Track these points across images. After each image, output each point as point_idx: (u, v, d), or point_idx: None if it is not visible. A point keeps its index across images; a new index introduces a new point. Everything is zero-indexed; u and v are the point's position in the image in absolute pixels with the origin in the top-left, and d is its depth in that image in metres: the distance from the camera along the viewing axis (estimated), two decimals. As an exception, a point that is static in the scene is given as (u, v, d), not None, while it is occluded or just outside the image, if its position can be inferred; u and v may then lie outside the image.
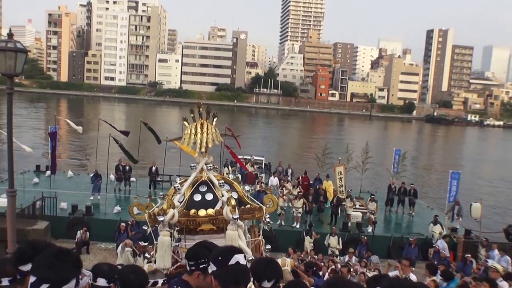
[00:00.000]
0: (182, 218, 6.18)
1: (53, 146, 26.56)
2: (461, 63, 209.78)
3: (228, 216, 6.05)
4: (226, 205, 6.12)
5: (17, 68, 8.97)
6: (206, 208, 6.29)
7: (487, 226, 26.86)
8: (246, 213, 6.48)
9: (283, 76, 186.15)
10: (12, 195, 9.82)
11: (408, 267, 10.94)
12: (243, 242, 6.17)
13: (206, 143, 6.55)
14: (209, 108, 6.78)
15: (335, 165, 29.35)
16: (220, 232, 6.32)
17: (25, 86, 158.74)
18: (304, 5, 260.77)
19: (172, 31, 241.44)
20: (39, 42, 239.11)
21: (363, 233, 22.90)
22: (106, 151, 25.53)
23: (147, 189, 28.55)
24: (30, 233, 13.51)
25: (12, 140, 9.92)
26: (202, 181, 6.57)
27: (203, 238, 6.34)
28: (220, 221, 6.23)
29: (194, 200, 6.38)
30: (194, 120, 6.75)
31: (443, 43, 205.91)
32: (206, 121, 6.70)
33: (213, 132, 6.65)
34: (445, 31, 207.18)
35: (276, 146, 68.48)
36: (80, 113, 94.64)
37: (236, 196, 6.56)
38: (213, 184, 6.53)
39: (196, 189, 6.50)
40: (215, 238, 6.21)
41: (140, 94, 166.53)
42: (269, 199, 6.92)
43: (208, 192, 6.48)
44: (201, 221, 6.26)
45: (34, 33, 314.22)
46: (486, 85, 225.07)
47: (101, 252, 20.63)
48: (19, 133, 59.83)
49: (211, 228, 6.36)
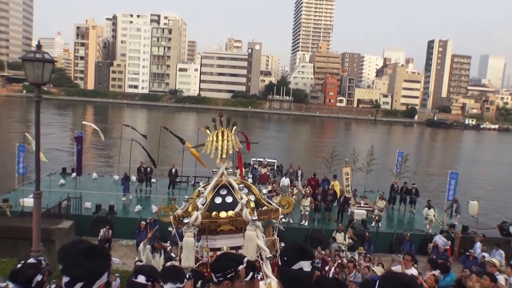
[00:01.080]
0: (204, 219, 6.22)
1: (79, 150, 26.74)
2: (459, 71, 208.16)
3: (248, 217, 6.08)
4: (245, 207, 6.16)
5: (45, 77, 8.80)
6: (227, 210, 6.32)
7: (483, 222, 26.78)
8: (263, 214, 6.50)
9: (295, 83, 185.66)
10: (38, 197, 9.67)
11: (410, 262, 11.03)
12: (261, 241, 6.17)
13: (226, 149, 6.59)
14: (229, 117, 6.82)
15: (342, 166, 29.38)
16: (238, 232, 6.38)
17: (53, 94, 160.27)
18: (315, 18, 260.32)
19: (192, 43, 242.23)
20: (67, 53, 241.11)
21: (367, 229, 22.95)
22: (128, 154, 25.72)
23: (166, 189, 28.71)
24: (55, 232, 13.51)
25: (40, 145, 9.78)
26: (223, 184, 6.59)
27: (223, 237, 6.47)
28: (239, 222, 6.26)
29: (215, 203, 6.41)
30: (215, 128, 6.78)
31: (443, 52, 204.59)
32: (226, 129, 6.74)
33: (232, 139, 6.67)
34: (445, 42, 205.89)
35: (287, 149, 68.49)
36: (105, 119, 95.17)
37: (254, 198, 6.57)
38: (233, 187, 6.55)
39: (217, 193, 6.52)
40: (234, 238, 6.40)
41: (161, 101, 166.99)
42: (285, 201, 6.94)
43: (228, 195, 6.50)
44: (221, 222, 6.30)
45: (62, 44, 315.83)
46: (483, 91, 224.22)
47: (122, 248, 20.70)
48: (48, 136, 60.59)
49: (230, 229, 6.39)
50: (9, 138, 52.38)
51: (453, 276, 11.31)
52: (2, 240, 12.89)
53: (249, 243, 5.92)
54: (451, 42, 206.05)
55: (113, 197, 25.38)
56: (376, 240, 21.60)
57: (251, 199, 6.36)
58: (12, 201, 22.54)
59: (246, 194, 6.37)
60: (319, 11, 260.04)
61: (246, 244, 6.00)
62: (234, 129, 6.92)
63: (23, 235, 11.44)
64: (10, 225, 14.26)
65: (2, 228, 13.71)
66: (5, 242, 12.77)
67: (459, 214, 25.37)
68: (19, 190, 23.50)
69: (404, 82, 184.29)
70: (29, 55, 8.78)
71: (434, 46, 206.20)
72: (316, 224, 23.87)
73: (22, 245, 11.61)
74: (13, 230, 13.36)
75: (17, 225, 13.84)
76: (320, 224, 23.95)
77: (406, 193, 27.66)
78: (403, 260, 11.10)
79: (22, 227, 12.76)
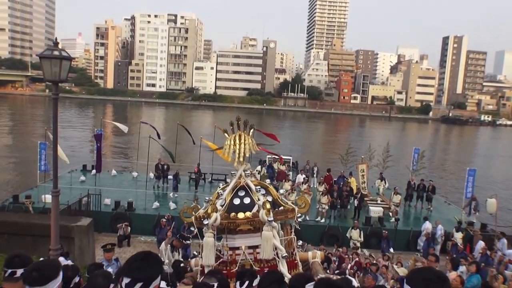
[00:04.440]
0: (223, 220, 6.29)
1: (98, 147, 26.65)
2: (475, 67, 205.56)
3: (264, 218, 6.14)
4: (262, 208, 6.21)
5: (62, 75, 8.54)
6: (245, 211, 6.36)
7: (502, 220, 26.28)
8: (280, 214, 6.53)
9: (309, 81, 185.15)
10: (56, 195, 9.41)
11: (434, 263, 10.66)
12: (277, 241, 6.29)
13: (244, 152, 6.64)
14: (246, 121, 6.83)
15: (358, 163, 29.14)
16: (256, 231, 6.41)
17: (74, 93, 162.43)
18: (329, 15, 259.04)
19: (208, 41, 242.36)
20: (88, 53, 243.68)
21: (384, 227, 22.62)
22: (146, 151, 25.74)
23: (183, 185, 28.58)
24: (74, 230, 13.42)
25: (57, 143, 9.58)
26: (241, 186, 6.64)
27: (242, 237, 6.51)
28: (256, 222, 6.30)
29: (234, 204, 6.47)
30: (233, 132, 6.81)
31: (458, 48, 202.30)
32: (243, 132, 6.76)
33: (249, 142, 6.71)
34: (460, 38, 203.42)
35: (303, 146, 68.10)
36: (124, 116, 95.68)
37: (271, 199, 6.60)
38: (251, 189, 6.59)
39: (236, 194, 6.58)
40: (253, 237, 6.43)
41: (178, 99, 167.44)
42: (302, 201, 6.93)
43: (246, 196, 6.54)
44: (240, 223, 6.35)
45: (83, 45, 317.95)
46: (498, 87, 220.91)
47: (140, 244, 20.64)
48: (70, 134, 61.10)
49: (249, 228, 6.43)
50: (32, 136, 53.04)
51: (479, 277, 10.70)
52: (23, 237, 12.88)
53: (266, 243, 6.10)
54: (466, 38, 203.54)
55: (131, 194, 25.36)
56: (394, 238, 21.25)
57: (268, 200, 6.41)
58: (35, 197, 22.75)
59: (264, 195, 6.43)
60: (333, 9, 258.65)
61: (263, 244, 6.16)
62: (251, 132, 6.90)
63: (43, 232, 11.32)
64: (30, 222, 14.25)
65: (23, 225, 13.71)
66: (26, 239, 12.75)
67: (477, 211, 24.89)
68: (41, 187, 23.61)
69: (419, 78, 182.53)
70: (46, 52, 8.54)
71: (449, 42, 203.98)
72: (332, 221, 23.61)
73: (42, 242, 11.51)
74: (34, 227, 13.35)
75: (37, 222, 13.82)
76: (337, 221, 23.69)
77: (423, 190, 27.23)
78: (427, 261, 10.76)
79: (42, 224, 12.70)
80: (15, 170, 40.36)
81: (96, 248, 15.24)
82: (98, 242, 18.48)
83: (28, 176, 31.39)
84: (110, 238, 20.53)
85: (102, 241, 18.70)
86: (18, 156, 45.56)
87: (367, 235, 21.83)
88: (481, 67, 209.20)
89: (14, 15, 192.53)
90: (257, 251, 6.43)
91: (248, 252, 6.48)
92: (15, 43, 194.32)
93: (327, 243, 20.52)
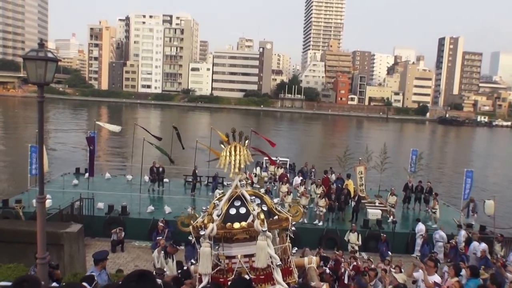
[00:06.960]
0: (220, 230, 6.40)
1: (91, 150, 26.20)
2: (470, 68, 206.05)
3: (258, 228, 6.23)
4: (257, 218, 6.29)
5: (47, 77, 8.04)
6: (240, 221, 6.43)
7: (501, 222, 26.03)
8: (274, 223, 6.64)
9: (306, 82, 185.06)
10: (41, 202, 8.85)
11: (433, 268, 10.36)
12: (271, 250, 6.43)
13: (239, 163, 6.74)
14: (241, 132, 6.94)
15: (356, 165, 28.91)
16: (252, 240, 6.46)
17: (68, 94, 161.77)
18: (325, 16, 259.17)
19: (204, 42, 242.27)
20: (82, 54, 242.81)
21: (383, 229, 22.36)
22: (140, 154, 25.31)
23: (179, 189, 28.20)
24: (63, 236, 12.98)
25: (43, 148, 9.11)
26: (237, 196, 6.74)
27: (238, 245, 6.58)
28: (252, 231, 6.37)
29: (230, 214, 6.57)
30: (229, 143, 6.91)
31: (454, 49, 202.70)
32: (239, 143, 6.85)
33: (244, 153, 6.83)
34: (456, 39, 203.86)
35: (300, 148, 67.87)
36: (118, 119, 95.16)
37: (266, 208, 6.70)
38: (246, 199, 6.67)
39: (231, 204, 6.67)
40: (249, 246, 6.50)
41: (174, 101, 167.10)
42: (295, 209, 6.96)
43: (241, 206, 6.63)
44: (236, 232, 6.44)
45: (78, 45, 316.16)
46: (494, 88, 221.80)
47: (135, 250, 20.24)
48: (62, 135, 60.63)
49: (245, 237, 6.51)
50: (23, 139, 52.40)
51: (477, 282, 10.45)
52: (11, 245, 12.46)
53: (261, 252, 6.26)
54: (462, 39, 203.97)
55: (126, 198, 24.97)
56: (392, 241, 20.98)
57: (263, 209, 6.52)
58: (25, 202, 22.33)
59: (258, 205, 6.52)
60: (330, 10, 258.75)
61: (257, 253, 6.30)
62: (246, 143, 7.02)
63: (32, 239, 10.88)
64: (19, 229, 13.82)
65: (11, 232, 13.29)
66: (14, 246, 12.34)
67: (476, 213, 24.71)
68: (32, 191, 23.16)
69: (415, 79, 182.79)
70: (30, 54, 8.05)
71: (445, 43, 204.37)
72: (330, 224, 23.34)
73: (31, 250, 11.09)
74: (22, 234, 12.90)
75: (26, 229, 13.35)
76: (335, 224, 23.42)
77: (421, 192, 27.01)
78: (426, 266, 10.45)
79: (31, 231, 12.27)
80: (5, 173, 39.83)
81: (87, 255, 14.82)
82: (91, 247, 18.11)
83: (19, 180, 30.93)
84: (103, 243, 20.15)
85: (95, 247, 18.34)
86: (9, 160, 45.09)
87: (365, 238, 21.57)
88: (477, 68, 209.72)
89: (6, 15, 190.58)
90: (252, 259, 6.48)
91: (244, 261, 6.53)
92: (7, 43, 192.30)
93: (326, 247, 20.21)
